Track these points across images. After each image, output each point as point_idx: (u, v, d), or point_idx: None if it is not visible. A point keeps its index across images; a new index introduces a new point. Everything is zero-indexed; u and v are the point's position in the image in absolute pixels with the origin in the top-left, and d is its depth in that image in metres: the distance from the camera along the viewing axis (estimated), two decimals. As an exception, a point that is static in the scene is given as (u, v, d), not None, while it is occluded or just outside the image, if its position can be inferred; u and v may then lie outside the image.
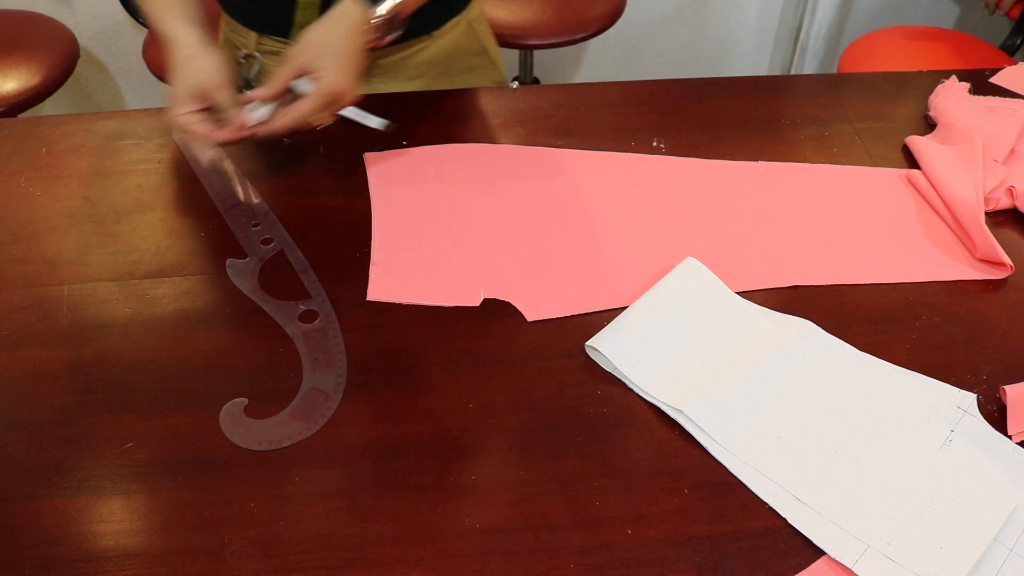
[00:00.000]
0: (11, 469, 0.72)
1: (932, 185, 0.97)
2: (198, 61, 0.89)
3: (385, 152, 1.01)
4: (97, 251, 0.90)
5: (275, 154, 1.01)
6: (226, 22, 1.11)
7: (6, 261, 0.89)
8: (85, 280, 0.87)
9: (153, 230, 0.92)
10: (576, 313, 0.84)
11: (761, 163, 1.01)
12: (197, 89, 0.88)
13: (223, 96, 0.89)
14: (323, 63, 0.87)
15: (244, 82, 1.02)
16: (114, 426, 0.75)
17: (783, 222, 0.95)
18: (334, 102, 0.89)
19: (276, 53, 1.06)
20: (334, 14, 0.89)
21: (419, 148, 1.02)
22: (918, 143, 1.02)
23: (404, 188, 0.97)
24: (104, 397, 0.77)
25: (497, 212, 0.95)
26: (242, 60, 1.06)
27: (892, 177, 1.01)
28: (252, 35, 1.07)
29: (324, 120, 0.91)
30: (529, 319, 0.84)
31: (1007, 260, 0.88)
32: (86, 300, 0.85)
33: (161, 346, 0.81)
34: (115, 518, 0.69)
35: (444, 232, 0.92)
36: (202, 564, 0.66)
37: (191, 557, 0.67)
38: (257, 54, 1.06)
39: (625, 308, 0.84)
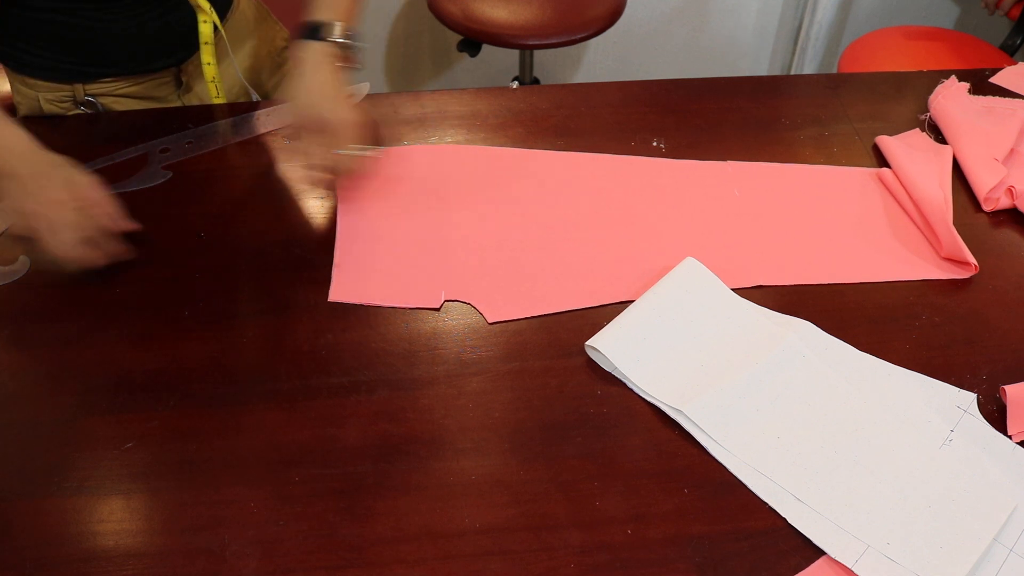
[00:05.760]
0: (11, 469, 0.72)
1: (901, 183, 0.97)
2: (62, 168, 0.82)
3: None
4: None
5: (242, 157, 1.01)
6: (27, 85, 1.05)
7: (6, 261, 0.89)
8: (86, 280, 0.87)
9: (153, 231, 0.92)
10: (538, 314, 0.84)
11: (730, 163, 1.01)
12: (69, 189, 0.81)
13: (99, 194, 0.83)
14: (323, 106, 0.89)
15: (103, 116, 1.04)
16: (114, 426, 0.75)
17: (751, 221, 0.95)
18: (334, 134, 0.89)
19: (110, 94, 1.06)
20: (305, 62, 0.90)
21: (387, 149, 1.02)
22: (887, 142, 1.02)
23: (371, 189, 0.97)
24: (104, 397, 0.77)
25: (461, 213, 0.94)
26: (82, 109, 1.05)
27: (864, 176, 1.01)
28: (77, 86, 1.04)
29: (348, 161, 0.90)
30: (490, 320, 0.84)
31: (971, 260, 0.88)
32: (86, 300, 0.85)
33: (161, 346, 0.81)
34: (115, 518, 0.69)
35: (407, 233, 0.92)
36: (202, 564, 0.66)
37: (191, 557, 0.67)
38: (92, 98, 1.05)
39: (594, 308, 0.84)
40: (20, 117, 1.07)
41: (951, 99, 1.08)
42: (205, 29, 1.04)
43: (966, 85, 1.10)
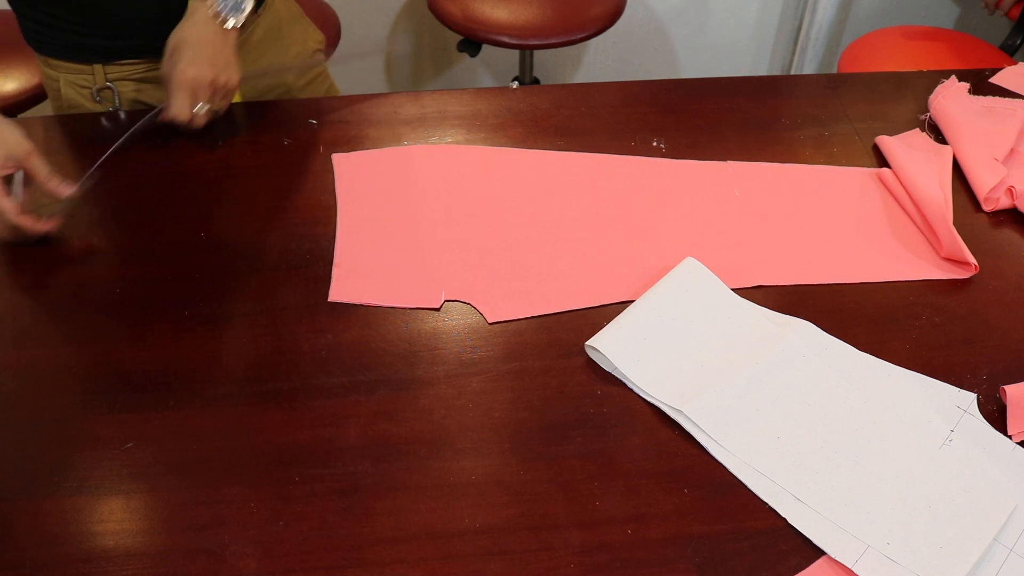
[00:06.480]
0: (11, 469, 0.72)
1: (901, 183, 0.97)
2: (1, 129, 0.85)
3: (353, 153, 1.01)
4: (97, 251, 0.90)
5: (242, 157, 1.01)
6: (50, 66, 1.07)
7: (7, 261, 0.89)
8: (85, 280, 0.87)
9: (153, 231, 0.92)
10: (538, 314, 0.84)
11: (730, 163, 1.01)
12: (9, 157, 0.85)
13: (37, 162, 0.86)
14: (176, 59, 0.95)
15: (109, 114, 1.05)
16: (114, 426, 0.75)
17: (751, 221, 0.95)
18: (196, 90, 0.95)
19: (129, 79, 1.07)
20: (186, 15, 0.98)
21: (387, 149, 1.02)
22: (887, 142, 1.02)
23: (370, 189, 0.97)
24: (104, 397, 0.77)
25: (461, 213, 0.94)
26: (98, 98, 1.06)
27: (864, 176, 1.01)
28: (97, 67, 1.05)
29: (204, 118, 0.97)
30: (490, 320, 0.84)
31: (971, 260, 0.88)
32: (86, 300, 0.85)
33: (161, 346, 0.81)
34: (115, 518, 0.69)
35: (407, 233, 0.92)
36: (202, 564, 0.66)
37: (191, 557, 0.67)
38: (110, 84, 1.06)
39: (594, 308, 0.84)
40: (53, 116, 1.08)
41: (951, 99, 1.08)
42: None
43: (966, 85, 1.10)
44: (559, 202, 0.96)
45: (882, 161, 1.02)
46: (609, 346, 0.79)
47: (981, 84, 1.13)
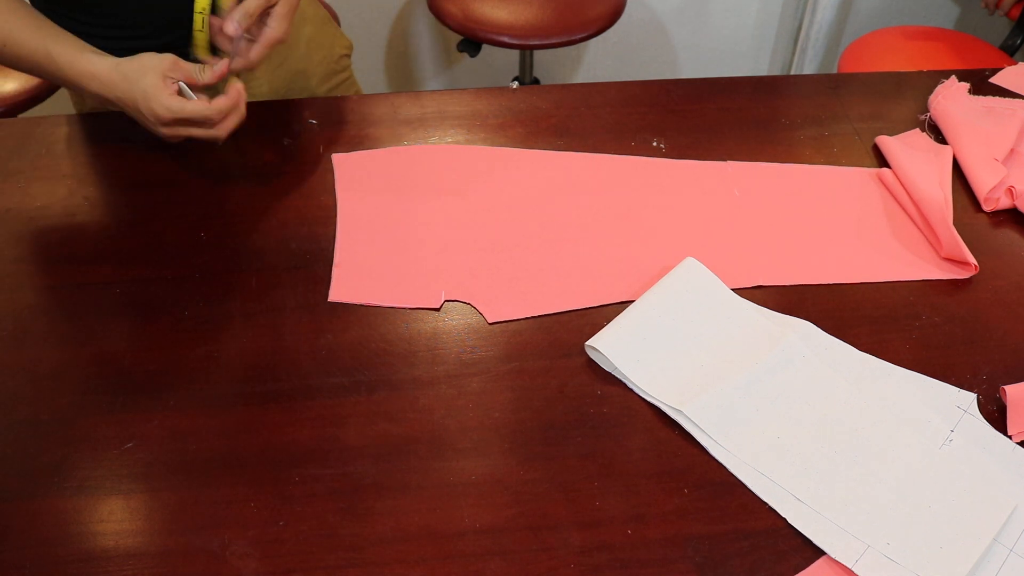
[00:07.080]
0: (11, 469, 0.72)
1: (901, 183, 0.97)
2: (138, 61, 0.89)
3: (353, 153, 1.01)
4: (97, 251, 0.90)
5: (242, 157, 1.01)
6: None
7: (7, 261, 0.89)
8: (85, 280, 0.87)
9: (153, 231, 0.92)
10: (538, 314, 0.84)
11: (730, 163, 1.01)
12: (162, 74, 0.88)
13: (185, 65, 0.89)
14: None
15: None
16: (114, 426, 0.75)
17: (751, 221, 0.95)
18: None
19: None
20: None
21: (387, 149, 1.02)
22: (887, 142, 1.02)
23: (370, 189, 0.97)
24: (104, 397, 0.77)
25: (461, 213, 0.94)
26: None
27: (864, 176, 1.01)
28: None
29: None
30: (490, 320, 0.84)
31: (971, 260, 0.88)
32: (86, 300, 0.85)
33: (161, 346, 0.81)
34: (115, 518, 0.69)
35: (407, 233, 0.92)
36: (202, 564, 0.66)
37: (191, 557, 0.67)
38: None
39: (594, 308, 0.84)
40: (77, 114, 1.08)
41: (951, 99, 1.08)
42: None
43: (966, 85, 1.10)
44: (559, 202, 0.96)
45: (882, 161, 1.02)
46: (609, 346, 0.79)
47: (981, 84, 1.13)
